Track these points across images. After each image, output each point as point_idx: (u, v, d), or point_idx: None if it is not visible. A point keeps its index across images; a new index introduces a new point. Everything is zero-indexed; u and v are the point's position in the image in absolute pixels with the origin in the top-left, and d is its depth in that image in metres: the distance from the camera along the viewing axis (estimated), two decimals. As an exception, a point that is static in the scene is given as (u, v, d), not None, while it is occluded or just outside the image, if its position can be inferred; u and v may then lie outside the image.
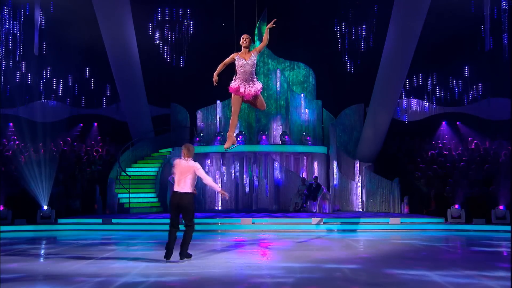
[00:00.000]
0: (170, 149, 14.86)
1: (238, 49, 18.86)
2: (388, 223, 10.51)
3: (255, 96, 5.44)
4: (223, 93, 16.38)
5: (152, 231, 10.17)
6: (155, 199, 13.52)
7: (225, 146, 5.87)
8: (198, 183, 13.82)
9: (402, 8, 14.30)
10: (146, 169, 14.47)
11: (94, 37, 14.67)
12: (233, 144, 5.72)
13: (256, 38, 16.35)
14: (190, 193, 5.74)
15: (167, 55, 17.29)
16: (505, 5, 13.86)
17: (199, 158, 14.72)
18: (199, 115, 16.20)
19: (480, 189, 11.98)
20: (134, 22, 14.16)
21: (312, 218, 10.38)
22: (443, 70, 15.57)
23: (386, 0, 14.77)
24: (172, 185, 6.01)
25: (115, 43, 14.07)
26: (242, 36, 5.45)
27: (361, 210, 13.80)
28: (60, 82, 17.32)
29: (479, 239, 9.45)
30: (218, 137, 14.50)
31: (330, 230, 10.19)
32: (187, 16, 16.97)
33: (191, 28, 17.08)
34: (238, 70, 5.42)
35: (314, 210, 12.49)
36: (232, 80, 5.49)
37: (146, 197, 13.55)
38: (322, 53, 16.00)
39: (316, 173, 14.37)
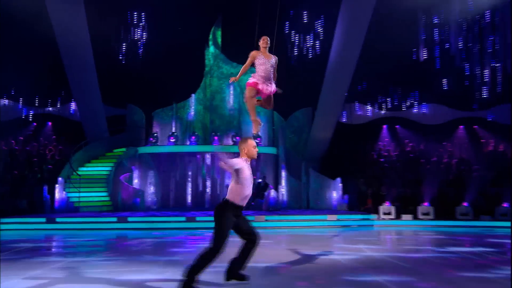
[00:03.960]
0: (124, 149, 14.47)
1: (197, 54, 18.42)
2: (326, 220, 10.76)
3: (269, 96, 5.18)
4: (179, 95, 16.45)
5: (98, 230, 9.90)
6: (107, 198, 13.10)
7: (254, 131, 5.45)
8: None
9: (347, 19, 14.70)
10: (99, 168, 13.99)
11: (49, 36, 14.06)
12: (260, 125, 5.33)
13: (210, 43, 16.32)
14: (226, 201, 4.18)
15: (122, 57, 16.86)
16: (436, 21, 14.60)
17: (153, 157, 14.48)
18: (155, 116, 15.94)
19: (411, 188, 12.53)
20: (88, 23, 13.68)
21: (255, 216, 10.44)
22: (385, 77, 16.14)
23: (332, 11, 15.15)
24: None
25: (69, 43, 13.46)
26: (263, 37, 5.23)
27: (306, 207, 14.07)
28: (13, 81, 16.46)
29: (405, 233, 9.96)
30: (172, 138, 14.28)
31: (272, 227, 10.31)
32: (142, 20, 16.63)
33: (145, 31, 16.75)
34: (259, 68, 5.13)
35: (262, 208, 12.59)
36: (251, 77, 5.16)
37: (97, 196, 13.10)
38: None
39: (266, 173, 14.48)
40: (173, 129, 15.20)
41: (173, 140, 13.95)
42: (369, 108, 16.75)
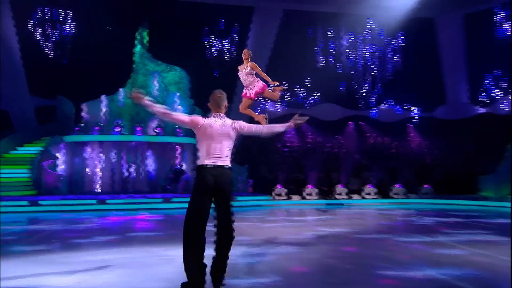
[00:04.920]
0: (50, 138, 15.35)
1: (126, 52, 19.60)
2: (235, 200, 12.88)
3: (261, 93, 5.77)
4: (109, 88, 17.55)
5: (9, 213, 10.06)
6: (28, 179, 13.45)
7: (263, 124, 5.50)
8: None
9: (259, 28, 16.96)
10: (24, 152, 14.48)
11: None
12: (266, 119, 5.68)
13: (137, 42, 17.58)
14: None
15: (51, 51, 17.48)
16: (331, 34, 17.35)
17: (80, 146, 15.60)
18: (84, 107, 16.93)
19: (302, 173, 15.17)
20: (15, 19, 14.27)
21: (162, 198, 12.28)
22: (292, 79, 18.59)
23: (245, 19, 17.24)
24: None
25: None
26: (243, 51, 5.72)
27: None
28: None
29: (292, 211, 12.33)
30: (97, 127, 15.50)
31: (177, 208, 11.84)
32: (69, 17, 17.35)
33: (73, 28, 17.49)
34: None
35: (178, 191, 14.45)
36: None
37: (20, 177, 13.49)
38: (196, 59, 17.88)
39: (186, 161, 16.33)
40: (102, 120, 16.37)
41: (98, 130, 15.16)
42: (279, 105, 19.22)
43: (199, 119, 3.52)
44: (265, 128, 3.80)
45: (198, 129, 3.50)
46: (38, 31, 16.82)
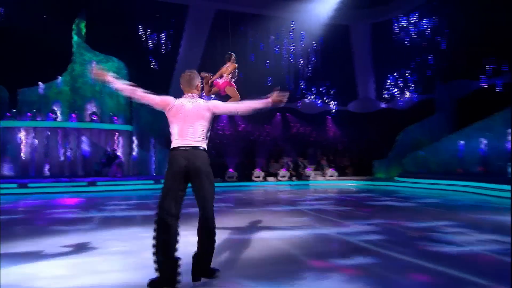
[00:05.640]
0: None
1: (64, 41, 19.82)
2: (151, 183, 14.16)
3: (228, 86, 6.18)
4: (46, 76, 17.95)
5: None
6: None
7: (236, 99, 5.93)
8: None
9: (193, 25, 18.22)
10: None
11: None
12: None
13: (74, 33, 18.11)
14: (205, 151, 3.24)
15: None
16: (260, 34, 19.15)
17: (14, 131, 16.06)
18: (20, 93, 17.27)
19: (225, 158, 16.83)
20: None
21: (87, 182, 13.30)
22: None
23: (181, 15, 18.39)
24: None
25: None
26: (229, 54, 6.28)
27: (156, 174, 17.42)
28: None
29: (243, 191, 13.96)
30: (29, 114, 16.04)
31: (104, 191, 12.97)
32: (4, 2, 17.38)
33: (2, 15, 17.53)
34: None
35: (109, 175, 15.49)
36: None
37: None
38: (134, 51, 18.76)
39: (122, 147, 17.35)
40: (41, 107, 16.86)
41: (31, 116, 15.73)
42: (213, 96, 20.65)
43: (170, 99, 3.21)
44: (242, 106, 3.33)
45: (168, 111, 3.18)
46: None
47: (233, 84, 6.25)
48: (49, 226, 6.03)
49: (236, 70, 6.32)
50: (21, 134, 15.95)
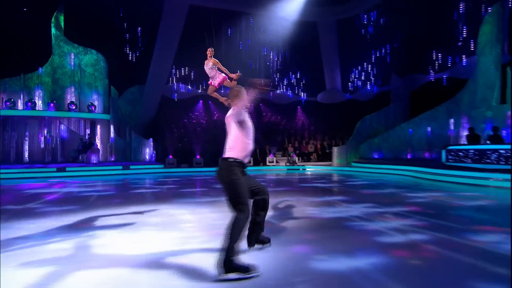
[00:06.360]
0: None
1: (43, 34, 20.42)
2: (121, 169, 15.10)
3: (221, 83, 6.39)
4: (27, 68, 18.67)
5: None
6: None
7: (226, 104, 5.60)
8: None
9: (169, 18, 18.96)
10: None
11: None
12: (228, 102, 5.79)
13: (52, 25, 18.80)
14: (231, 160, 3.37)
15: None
16: (232, 28, 19.94)
17: (-4, 120, 16.83)
18: (1, 84, 18.01)
19: (195, 145, 17.79)
20: None
21: (56, 168, 14.17)
22: (199, 67, 20.86)
23: (156, 10, 19.12)
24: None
25: None
26: (208, 49, 6.32)
27: (130, 160, 18.36)
28: None
29: (186, 177, 14.99)
30: (8, 103, 16.81)
31: (82, 176, 13.94)
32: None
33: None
34: None
35: (84, 161, 16.38)
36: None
37: None
38: (113, 44, 19.54)
39: (99, 135, 18.23)
40: (21, 97, 17.64)
41: (9, 105, 16.51)
42: (190, 87, 21.52)
43: None
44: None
45: None
46: None
47: (222, 76, 6.41)
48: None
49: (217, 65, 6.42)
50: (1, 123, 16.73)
